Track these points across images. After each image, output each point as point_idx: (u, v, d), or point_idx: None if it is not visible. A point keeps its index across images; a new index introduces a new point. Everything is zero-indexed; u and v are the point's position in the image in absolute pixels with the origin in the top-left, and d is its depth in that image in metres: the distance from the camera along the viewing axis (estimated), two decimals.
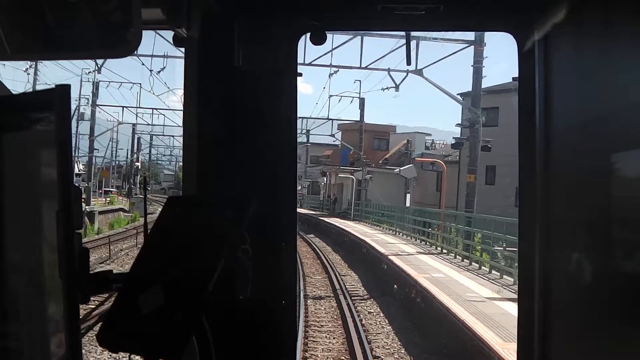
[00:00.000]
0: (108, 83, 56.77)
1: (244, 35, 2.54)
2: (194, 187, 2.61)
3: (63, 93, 1.63)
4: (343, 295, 21.24)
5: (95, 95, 55.08)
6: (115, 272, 1.91)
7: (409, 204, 43.14)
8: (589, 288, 2.22)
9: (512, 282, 18.28)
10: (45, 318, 1.82)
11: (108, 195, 64.97)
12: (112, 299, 1.93)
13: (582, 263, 2.26)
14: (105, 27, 1.81)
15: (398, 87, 32.98)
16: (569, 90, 2.40)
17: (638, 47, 1.93)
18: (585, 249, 2.25)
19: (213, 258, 1.83)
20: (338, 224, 44.32)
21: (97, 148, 60.97)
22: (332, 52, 31.43)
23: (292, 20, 2.67)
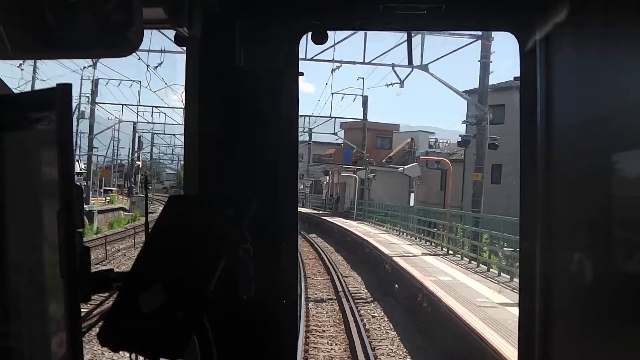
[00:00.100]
0: (107, 81, 56.90)
1: (246, 35, 2.57)
2: (195, 186, 2.64)
3: (64, 92, 1.65)
4: (345, 298, 20.95)
5: (95, 93, 55.18)
6: (116, 271, 1.94)
7: (413, 204, 43.08)
8: (590, 288, 2.24)
9: None
10: (46, 317, 1.83)
11: (108, 195, 64.96)
12: (113, 298, 1.95)
13: (583, 263, 2.28)
14: (107, 26, 1.83)
15: (403, 82, 32.56)
16: (571, 90, 2.42)
17: (639, 47, 1.95)
18: (587, 249, 2.27)
19: (214, 257, 1.85)
20: (340, 224, 44.21)
21: (96, 147, 61.06)
22: (334, 47, 31.35)
23: (293, 20, 2.70)
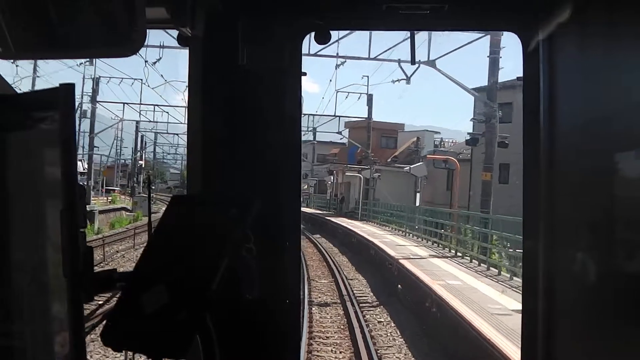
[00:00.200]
0: (109, 79, 56.94)
1: (248, 35, 2.60)
2: (198, 185, 2.67)
3: (67, 92, 1.67)
4: (350, 302, 20.50)
5: (96, 92, 55.27)
6: (119, 271, 1.97)
7: (419, 204, 42.96)
8: (593, 287, 2.25)
9: None
10: (49, 317, 1.85)
11: (110, 194, 65.02)
12: (116, 298, 1.98)
13: (586, 262, 2.30)
14: (110, 26, 1.86)
15: (409, 79, 32.17)
16: (574, 90, 2.45)
17: None
18: (590, 249, 2.29)
19: (217, 257, 1.88)
20: (345, 224, 44.13)
21: (97, 146, 61.18)
22: (338, 42, 31.13)
23: (296, 20, 2.73)
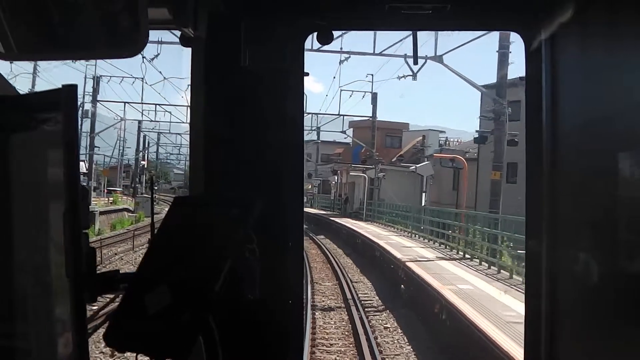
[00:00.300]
0: (109, 78, 57.01)
1: (251, 35, 2.63)
2: (201, 186, 2.71)
3: (69, 93, 1.70)
4: (355, 307, 20.08)
5: (96, 91, 55.38)
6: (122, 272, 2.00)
7: (425, 204, 42.80)
8: (597, 288, 2.27)
9: None
10: (52, 318, 1.88)
11: (111, 195, 65.04)
12: (119, 299, 2.01)
13: (590, 263, 2.31)
14: (112, 27, 1.89)
15: (415, 75, 31.97)
16: (576, 90, 2.47)
17: None
18: (593, 249, 2.31)
19: (219, 258, 1.91)
20: (349, 225, 44.08)
21: (98, 146, 61.22)
22: (342, 37, 31.02)
23: (298, 20, 2.76)
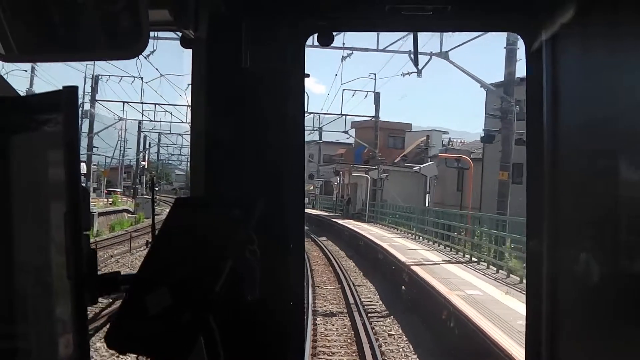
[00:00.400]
0: (108, 77, 57.06)
1: (252, 36, 2.66)
2: (202, 187, 2.74)
3: (70, 94, 1.73)
4: (358, 312, 19.78)
5: (95, 90, 55.47)
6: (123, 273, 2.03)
7: (429, 205, 42.67)
8: (598, 289, 2.29)
9: None
10: (53, 319, 1.90)
11: (111, 196, 65.05)
12: (120, 300, 2.04)
13: (591, 263, 2.33)
14: (113, 28, 1.93)
15: (420, 72, 31.56)
16: (577, 90, 2.50)
17: None
18: (595, 249, 2.33)
19: (220, 259, 1.94)
20: (352, 227, 44.05)
21: (97, 146, 61.29)
22: (344, 33, 30.84)
23: (299, 21, 2.79)
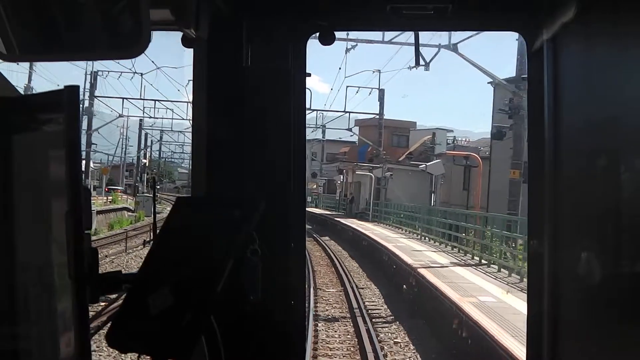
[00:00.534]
0: (107, 73, 57.07)
1: (253, 36, 2.70)
2: (203, 186, 2.78)
3: (71, 94, 1.77)
4: (362, 317, 19.06)
5: (94, 86, 55.51)
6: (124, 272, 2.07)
7: (434, 204, 42.47)
8: (600, 289, 2.32)
9: None
10: (55, 318, 1.93)
11: (111, 194, 65.05)
12: (121, 300, 2.08)
13: (592, 263, 2.36)
14: (114, 28, 1.96)
15: (428, 64, 31.33)
16: (579, 90, 2.53)
17: None
18: (596, 249, 2.36)
19: (222, 258, 1.98)
20: (355, 226, 43.91)
21: (95, 143, 61.39)
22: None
23: (300, 21, 2.82)
